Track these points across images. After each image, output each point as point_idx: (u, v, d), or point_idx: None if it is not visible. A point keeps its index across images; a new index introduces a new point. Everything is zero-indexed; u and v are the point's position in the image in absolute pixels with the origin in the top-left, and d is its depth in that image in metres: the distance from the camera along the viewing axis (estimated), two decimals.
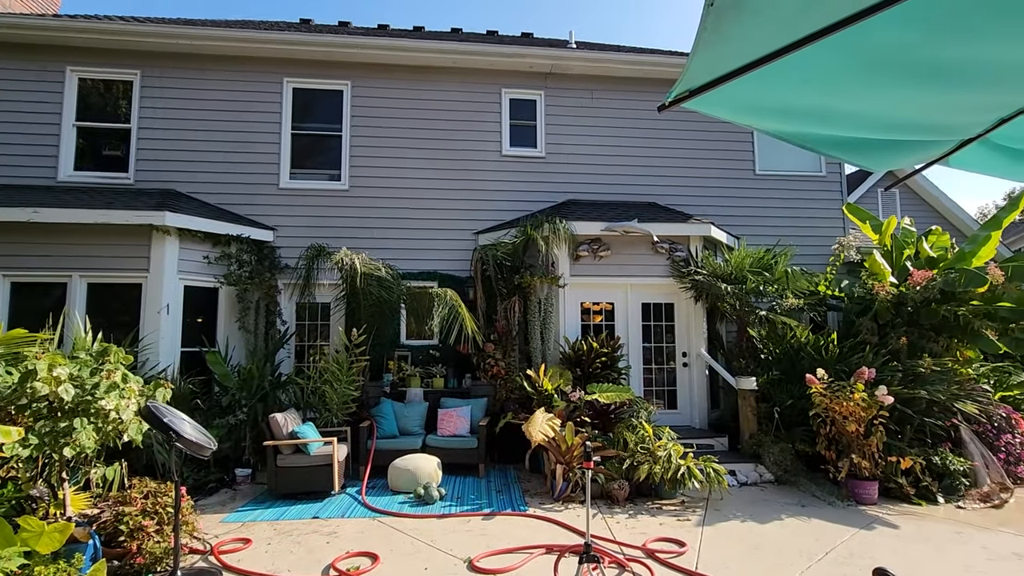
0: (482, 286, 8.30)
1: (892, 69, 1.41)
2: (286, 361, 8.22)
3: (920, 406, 6.32)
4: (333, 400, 6.93)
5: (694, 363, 8.20)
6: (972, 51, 1.43)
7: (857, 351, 7.02)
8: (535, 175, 9.15)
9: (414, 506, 5.60)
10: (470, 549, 4.41)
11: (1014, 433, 6.48)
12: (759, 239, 9.09)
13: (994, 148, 1.93)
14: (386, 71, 9.01)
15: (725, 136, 9.66)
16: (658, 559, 4.22)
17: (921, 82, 1.48)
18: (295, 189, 8.72)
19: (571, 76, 9.36)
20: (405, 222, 8.82)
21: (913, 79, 1.46)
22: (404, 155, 8.93)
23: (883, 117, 1.68)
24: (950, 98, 1.63)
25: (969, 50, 1.42)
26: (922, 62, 1.41)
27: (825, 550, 4.44)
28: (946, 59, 1.43)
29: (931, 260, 7.73)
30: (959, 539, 4.73)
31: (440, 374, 8.13)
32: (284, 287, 8.28)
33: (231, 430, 6.64)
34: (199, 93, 8.64)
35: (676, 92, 1.37)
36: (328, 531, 4.89)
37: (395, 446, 6.77)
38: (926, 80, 1.47)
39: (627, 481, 5.81)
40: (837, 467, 5.96)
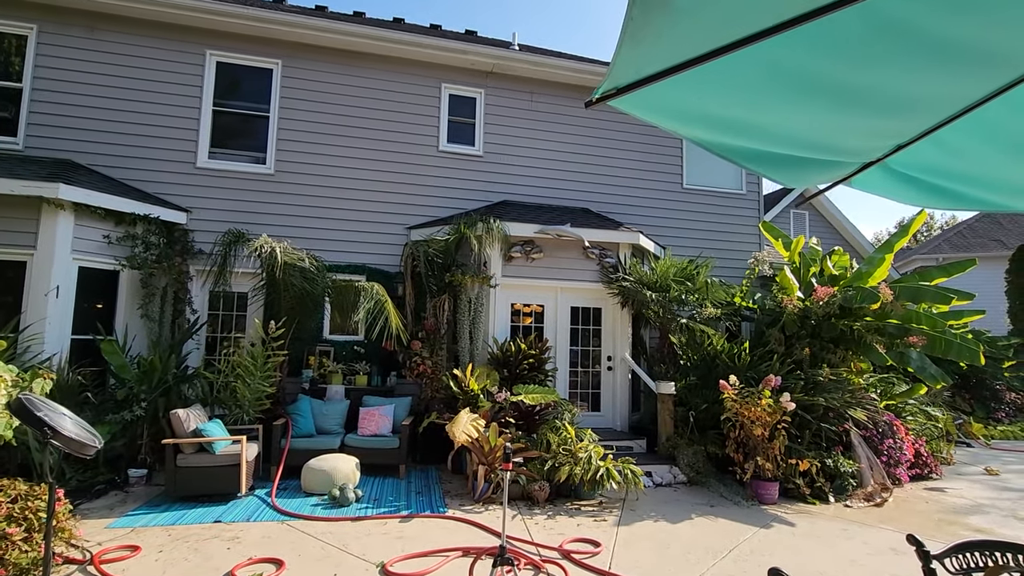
0: (412, 282, 8.11)
1: (803, 88, 1.48)
2: (195, 353, 7.65)
3: (818, 412, 6.81)
4: (245, 396, 6.51)
5: (618, 367, 8.42)
6: (873, 79, 1.52)
7: (766, 360, 7.47)
8: (472, 173, 9.07)
9: (328, 508, 5.35)
10: (384, 553, 4.26)
11: (895, 438, 7.13)
12: (683, 250, 9.50)
13: (890, 173, 2.08)
14: (321, 54, 8.62)
15: (657, 150, 10.03)
16: (573, 560, 4.26)
17: (828, 103, 1.56)
18: (214, 170, 8.14)
19: (512, 77, 9.37)
20: (334, 212, 8.46)
21: (821, 100, 1.54)
22: (336, 143, 8.58)
23: (796, 134, 1.76)
24: (853, 121, 1.73)
25: (870, 78, 1.51)
26: (829, 85, 1.49)
27: (729, 548, 4.66)
28: (850, 84, 1.51)
29: (833, 278, 8.38)
30: (845, 535, 5.12)
31: (364, 371, 7.87)
32: (197, 274, 7.71)
33: (126, 426, 6.08)
34: (107, 57, 7.87)
35: (603, 89, 1.36)
36: (230, 536, 4.57)
37: (312, 446, 6.46)
38: (832, 102, 1.55)
39: (548, 482, 5.85)
40: (744, 469, 6.31)
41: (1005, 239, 18.90)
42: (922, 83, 1.53)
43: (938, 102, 1.66)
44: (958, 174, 2.04)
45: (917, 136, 1.87)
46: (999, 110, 1.69)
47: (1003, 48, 1.41)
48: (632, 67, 1.29)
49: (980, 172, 2.00)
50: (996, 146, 1.85)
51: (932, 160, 1.96)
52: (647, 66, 1.29)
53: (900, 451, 7.04)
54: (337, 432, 6.87)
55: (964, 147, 1.89)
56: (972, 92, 1.62)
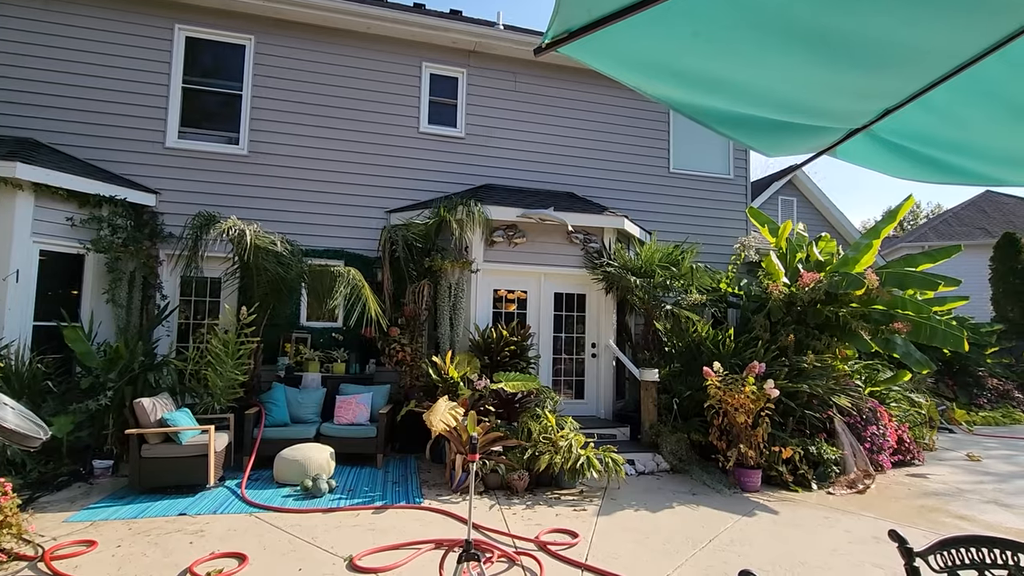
0: (391, 268, 7.89)
1: (781, 33, 1.30)
2: (164, 340, 7.41)
3: (802, 399, 6.74)
4: (216, 384, 6.30)
5: (602, 354, 8.30)
6: (858, 24, 1.35)
7: (751, 347, 7.38)
8: (453, 155, 8.83)
9: (299, 500, 5.19)
10: (354, 546, 4.11)
11: (878, 425, 7.09)
12: (668, 235, 9.36)
13: (877, 141, 1.92)
14: (296, 29, 8.29)
15: (643, 132, 9.83)
16: (549, 551, 4.14)
17: (809, 53, 1.39)
18: (185, 150, 7.83)
19: (496, 57, 9.10)
20: (310, 195, 8.20)
21: (801, 48, 1.37)
22: (313, 122, 8.29)
23: (774, 92, 1.59)
24: (837, 77, 1.56)
25: (855, 22, 1.34)
26: (810, 29, 1.31)
27: (709, 537, 4.57)
28: (834, 29, 1.34)
29: (819, 264, 8.28)
30: (827, 523, 5.06)
31: (341, 359, 7.68)
32: (167, 258, 7.44)
33: (92, 416, 5.85)
34: (68, 31, 7.50)
35: (553, 33, 1.17)
36: (195, 529, 4.40)
37: (285, 435, 6.29)
38: (814, 51, 1.38)
39: (528, 471, 5.73)
40: (726, 456, 6.22)
41: (989, 227, 18.99)
42: (913, 31, 1.36)
43: (930, 56, 1.49)
44: (950, 142, 1.88)
45: (907, 99, 1.70)
46: (996, 67, 1.52)
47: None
48: (583, 4, 1.10)
49: (974, 140, 1.84)
50: (992, 110, 1.69)
51: (922, 126, 1.80)
52: (599, 4, 1.11)
53: (883, 438, 7.00)
54: (313, 421, 6.69)
55: (957, 111, 1.73)
56: (967, 45, 1.45)
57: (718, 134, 1.74)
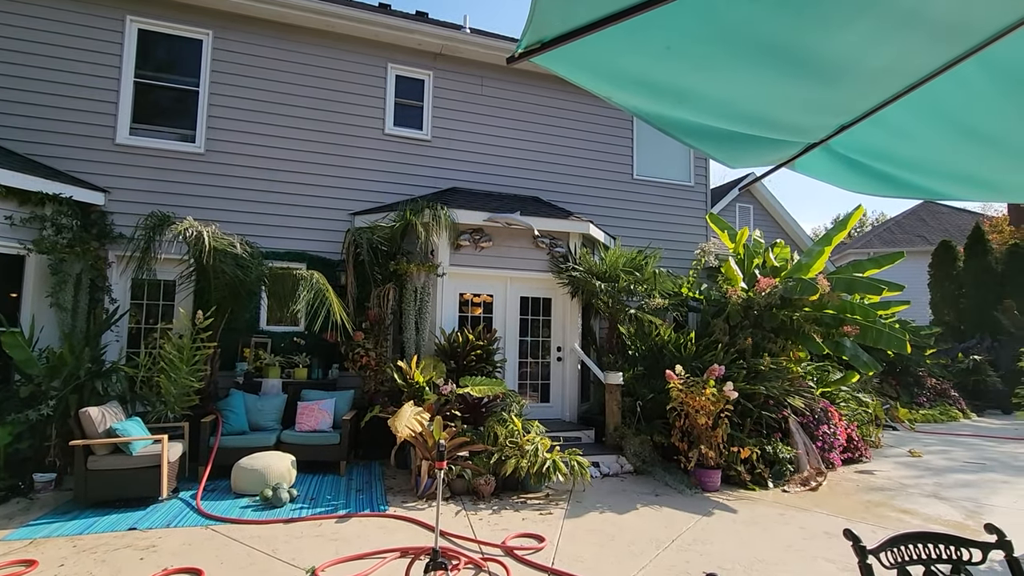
0: (355, 271, 7.76)
1: (748, 48, 1.36)
2: (114, 346, 7.07)
3: (759, 400, 6.98)
4: (169, 392, 6.04)
5: (568, 358, 8.38)
6: (820, 43, 1.41)
7: (711, 350, 7.59)
8: (419, 158, 8.76)
9: (259, 510, 5.03)
10: (317, 557, 4.01)
11: (829, 424, 7.40)
12: (632, 240, 9.54)
13: (833, 156, 2.01)
14: (257, 25, 8.07)
15: (608, 139, 10.00)
16: (516, 556, 4.14)
17: (773, 69, 1.45)
18: (137, 147, 7.50)
19: (462, 60, 9.09)
20: (272, 196, 7.98)
21: (766, 63, 1.43)
22: (274, 122, 8.07)
23: (738, 105, 1.65)
24: (797, 92, 1.63)
25: (815, 39, 1.40)
26: (775, 46, 1.37)
27: (672, 538, 4.67)
28: (797, 47, 1.40)
29: (775, 269, 8.60)
30: (782, 520, 5.24)
31: (303, 364, 7.49)
32: (117, 259, 7.12)
33: (33, 427, 5.53)
34: (10, 19, 7.08)
35: (527, 42, 1.18)
36: (146, 545, 4.20)
37: (244, 443, 6.08)
38: (777, 67, 1.44)
39: (494, 476, 5.72)
40: (688, 457, 6.37)
41: (928, 235, 20.15)
42: (869, 51, 1.44)
43: (884, 75, 1.58)
44: (900, 158, 1.99)
45: (861, 115, 1.80)
46: (945, 88, 1.62)
47: (952, 14, 1.32)
48: (558, 15, 1.12)
49: (924, 157, 1.96)
50: (941, 128, 1.80)
51: (875, 142, 1.90)
52: (575, 15, 1.13)
53: (834, 436, 7.31)
54: (273, 428, 6.50)
55: (908, 128, 1.83)
56: (919, 66, 1.55)
57: (684, 144, 1.79)
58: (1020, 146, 1.88)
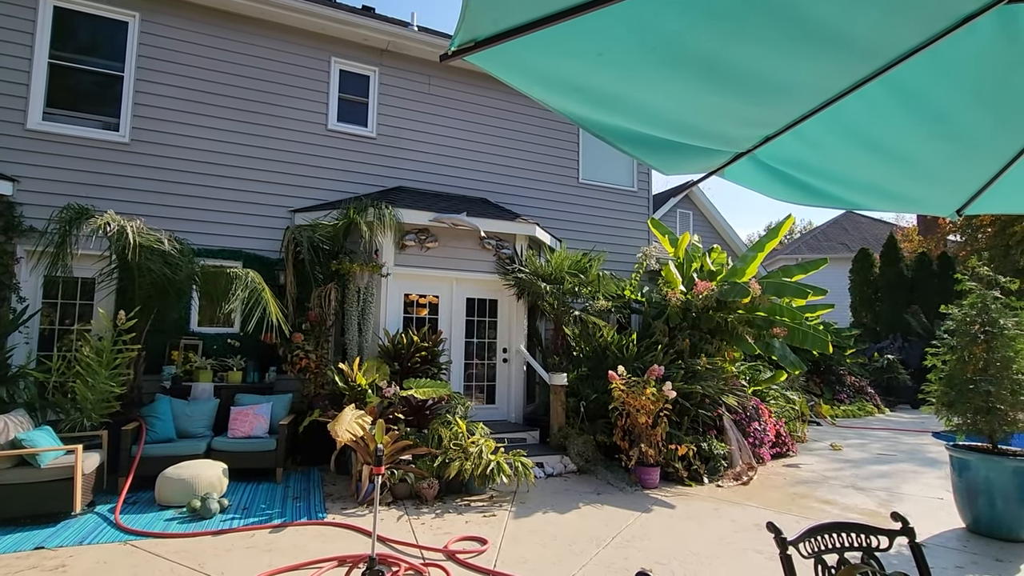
0: (294, 270, 7.48)
1: (674, 59, 1.41)
2: (22, 348, 6.50)
3: (696, 399, 7.25)
4: (87, 398, 5.61)
5: (514, 359, 8.41)
6: (742, 56, 1.48)
7: (652, 350, 7.82)
8: (364, 156, 8.57)
9: (186, 522, 4.75)
10: (248, 570, 3.83)
11: (760, 421, 7.79)
12: (578, 243, 9.70)
13: (759, 165, 2.12)
14: (190, 10, 7.65)
15: (554, 143, 10.14)
16: (458, 560, 4.11)
17: (699, 80, 1.51)
18: (51, 134, 6.94)
19: (409, 58, 8.97)
20: (205, 190, 7.58)
21: (692, 75, 1.48)
22: (208, 112, 7.68)
23: (668, 114, 1.71)
24: (724, 104, 1.70)
25: (739, 54, 1.47)
26: (702, 58, 1.43)
27: (612, 535, 4.77)
28: (722, 61, 1.46)
29: (712, 273, 8.96)
30: (716, 514, 5.46)
31: (238, 367, 7.15)
32: (27, 255, 6.57)
33: None
34: None
35: (460, 40, 1.17)
36: (54, 565, 3.88)
37: (171, 451, 5.74)
38: (704, 79, 1.50)
39: (438, 479, 5.66)
40: (629, 455, 6.53)
41: (849, 243, 21.63)
42: (787, 66, 1.52)
43: (801, 91, 1.67)
44: (817, 169, 2.12)
45: (783, 128, 1.90)
46: (854, 106, 1.74)
47: (861, 37, 1.41)
48: (488, 15, 1.11)
49: (836, 168, 2.09)
50: (851, 143, 1.93)
51: (795, 153, 2.01)
52: (506, 15, 1.13)
53: (764, 432, 7.70)
54: (203, 435, 6.17)
55: (823, 142, 1.95)
56: (831, 84, 1.65)
57: (619, 150, 1.83)
58: (919, 161, 2.04)
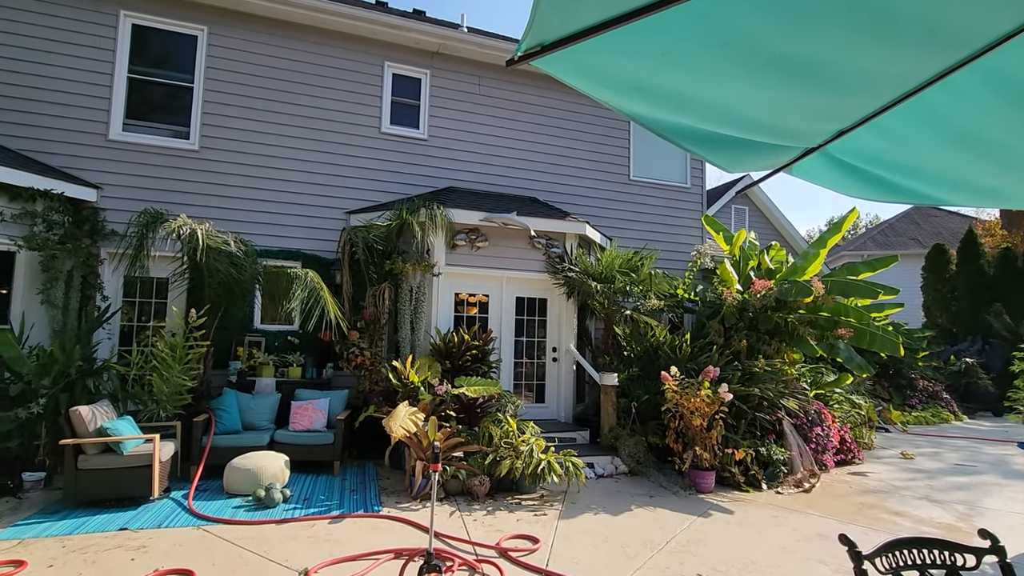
0: (350, 270, 7.72)
1: (745, 55, 1.35)
2: (105, 344, 6.99)
3: (753, 402, 6.99)
4: (162, 391, 6.00)
5: (563, 358, 8.37)
6: (816, 49, 1.41)
7: (706, 351, 7.60)
8: (416, 157, 8.74)
9: (252, 511, 5.00)
10: (309, 558, 3.99)
11: (823, 426, 7.43)
12: (629, 241, 9.54)
13: (831, 160, 2.01)
14: (252, 22, 8.02)
15: (605, 140, 10.00)
16: (510, 558, 4.14)
17: (771, 75, 1.45)
18: (130, 143, 7.44)
19: (459, 59, 9.07)
20: (266, 194, 7.94)
21: (764, 70, 1.42)
22: (269, 119, 8.03)
23: (737, 111, 1.64)
24: (796, 99, 1.63)
25: (814, 47, 1.40)
26: (772, 53, 1.37)
27: (666, 539, 4.67)
28: (794, 54, 1.39)
29: (770, 271, 8.62)
30: (776, 522, 5.26)
31: (298, 363, 7.45)
32: (109, 256, 7.06)
33: (22, 426, 5.47)
34: (2, 12, 7.00)
35: (526, 45, 1.17)
36: (137, 545, 4.17)
37: (237, 443, 6.05)
38: (775, 74, 1.44)
39: (489, 477, 5.71)
40: (682, 458, 6.38)
41: (921, 238, 20.27)
42: (866, 58, 1.43)
43: (881, 82, 1.58)
44: (896, 164, 1.99)
45: (859, 121, 1.80)
46: (940, 96, 1.63)
47: (946, 25, 1.32)
48: (557, 18, 1.11)
49: (918, 162, 1.96)
50: (936, 136, 1.80)
51: (872, 148, 1.90)
52: (575, 18, 1.12)
53: (827, 438, 7.34)
54: (266, 428, 6.47)
55: (903, 135, 1.83)
56: (914, 74, 1.55)
57: (682, 149, 1.79)
58: (1012, 152, 1.88)
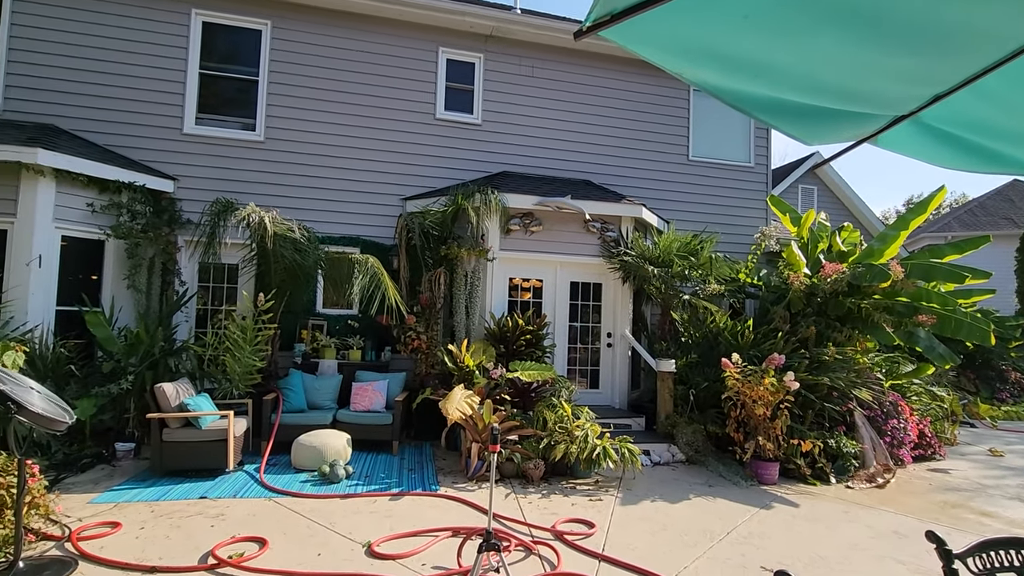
0: (407, 255, 7.88)
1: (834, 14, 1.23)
2: (183, 326, 7.49)
3: (822, 392, 6.64)
4: (234, 370, 6.36)
5: (618, 344, 8.24)
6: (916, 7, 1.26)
7: (770, 338, 7.27)
8: (470, 142, 8.75)
9: (317, 485, 5.24)
10: (372, 532, 4.14)
11: (899, 419, 6.98)
12: (687, 224, 9.22)
13: (924, 129, 1.83)
14: (312, 14, 8.22)
15: (662, 120, 9.66)
16: (566, 541, 4.14)
17: (860, 36, 1.31)
18: (202, 136, 7.85)
19: (513, 42, 8.97)
20: (326, 182, 8.19)
21: (853, 30, 1.29)
22: (329, 108, 8.25)
23: (819, 77, 1.51)
24: (888, 61, 1.48)
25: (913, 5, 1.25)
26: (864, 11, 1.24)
27: (727, 530, 4.54)
28: (889, 11, 1.26)
29: (842, 254, 8.11)
30: (847, 517, 5.00)
31: (357, 346, 7.71)
32: (185, 244, 7.51)
33: (114, 400, 5.95)
34: (87, 15, 7.51)
35: (596, 15, 1.11)
36: (215, 513, 4.46)
37: (302, 421, 6.34)
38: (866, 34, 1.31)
39: (543, 460, 5.72)
40: (744, 448, 6.17)
41: (1015, 217, 18.46)
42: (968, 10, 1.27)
43: (986, 40, 1.41)
44: (1002, 130, 1.79)
45: (958, 84, 1.62)
46: None
47: None
48: None
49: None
50: None
51: (973, 113, 1.71)
52: None
53: (904, 432, 6.89)
54: (329, 407, 6.74)
55: (1011, 98, 1.64)
56: None
57: (757, 121, 1.68)
58: None
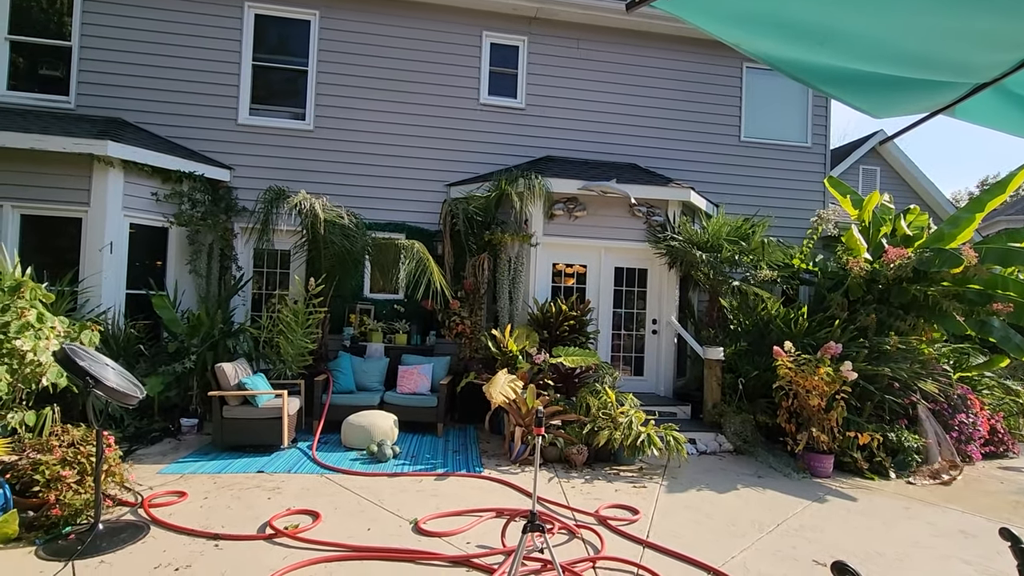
0: (451, 241, 7.96)
1: None
2: (240, 309, 7.84)
3: (882, 383, 6.32)
4: (288, 352, 6.63)
5: (663, 331, 8.09)
6: None
7: (826, 326, 6.96)
8: (513, 127, 8.70)
9: (366, 463, 5.42)
10: (418, 510, 4.25)
11: (968, 413, 6.56)
12: (738, 208, 8.89)
13: (1008, 97, 1.67)
14: (358, 3, 8.32)
15: (712, 99, 9.31)
16: (609, 526, 4.13)
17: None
18: (255, 126, 8.12)
19: (557, 23, 8.81)
20: (373, 169, 8.34)
21: None
22: (375, 96, 8.37)
23: (891, 44, 1.40)
24: (970, 23, 1.35)
25: None
26: None
27: (777, 522, 4.41)
28: None
29: (907, 239, 7.64)
30: (907, 514, 4.76)
31: (403, 330, 7.87)
32: (241, 231, 7.83)
33: (178, 378, 6.31)
34: (150, 12, 7.86)
35: None
36: (272, 486, 4.69)
37: (351, 402, 6.55)
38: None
39: (586, 446, 5.71)
40: (796, 440, 5.96)
41: None
42: None
43: None
44: None
45: None
46: None
47: None
48: None
49: None
50: None
51: None
52: None
53: (973, 427, 6.48)
54: (377, 389, 6.93)
55: None
56: None
57: (820, 93, 1.57)
58: None
